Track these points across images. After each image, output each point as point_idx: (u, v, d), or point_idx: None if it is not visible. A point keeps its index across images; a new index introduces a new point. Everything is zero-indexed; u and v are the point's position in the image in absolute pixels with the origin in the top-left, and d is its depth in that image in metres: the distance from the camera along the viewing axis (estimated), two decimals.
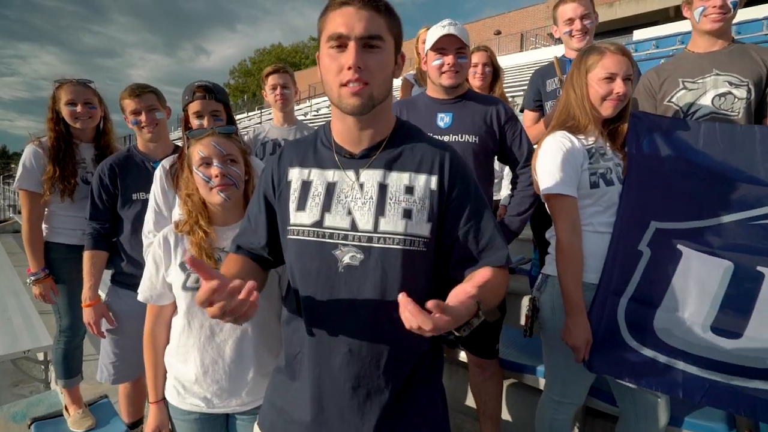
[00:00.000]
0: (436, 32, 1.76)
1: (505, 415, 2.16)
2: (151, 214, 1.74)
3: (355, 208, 0.95)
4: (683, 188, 1.44)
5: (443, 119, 1.82)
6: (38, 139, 2.20)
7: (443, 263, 1.01)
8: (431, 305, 0.68)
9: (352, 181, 0.97)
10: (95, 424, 2.20)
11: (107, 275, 2.08)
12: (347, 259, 0.93)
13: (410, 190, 0.96)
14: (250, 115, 26.16)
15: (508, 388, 2.16)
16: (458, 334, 0.79)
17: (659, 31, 12.99)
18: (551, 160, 1.46)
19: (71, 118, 2.16)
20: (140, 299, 1.38)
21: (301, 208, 0.99)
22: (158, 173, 1.75)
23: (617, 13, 19.68)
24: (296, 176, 1.02)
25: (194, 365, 1.29)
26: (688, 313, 1.32)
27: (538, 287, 1.56)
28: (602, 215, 1.47)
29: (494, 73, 2.49)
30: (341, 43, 0.88)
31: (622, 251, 1.41)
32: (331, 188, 0.98)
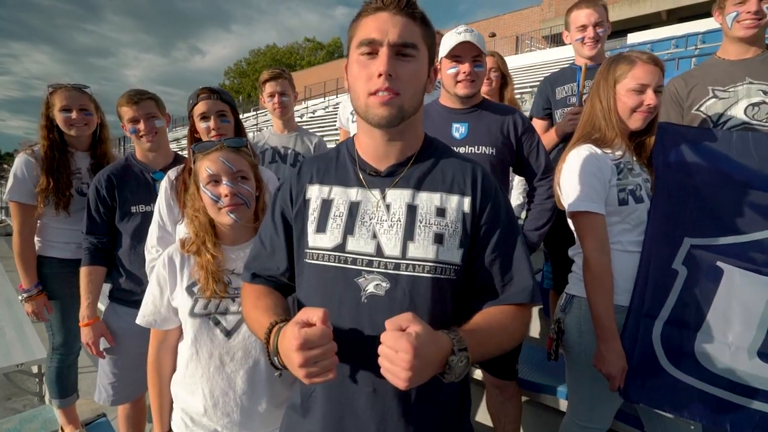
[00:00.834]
0: (451, 39, 1.69)
1: None
2: (154, 228, 1.65)
3: (380, 231, 0.87)
4: (718, 201, 1.37)
5: (458, 130, 1.75)
6: (30, 147, 2.09)
7: (464, 290, 0.93)
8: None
9: (377, 200, 0.90)
10: None
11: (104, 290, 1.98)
12: (371, 287, 0.85)
13: (442, 212, 0.88)
14: (245, 116, 25.94)
15: (523, 406, 2.08)
16: (443, 379, 0.75)
17: (654, 34, 13.11)
18: (578, 175, 1.39)
19: (66, 125, 2.06)
20: (142, 323, 1.29)
21: (321, 229, 0.90)
22: (164, 185, 1.66)
23: (611, 16, 19.72)
24: (315, 194, 0.94)
25: (203, 397, 1.20)
26: (732, 336, 1.24)
27: (562, 308, 1.49)
28: (631, 233, 1.40)
29: (503, 78, 2.42)
30: (372, 49, 0.82)
31: (654, 271, 1.34)
32: (354, 208, 0.90)
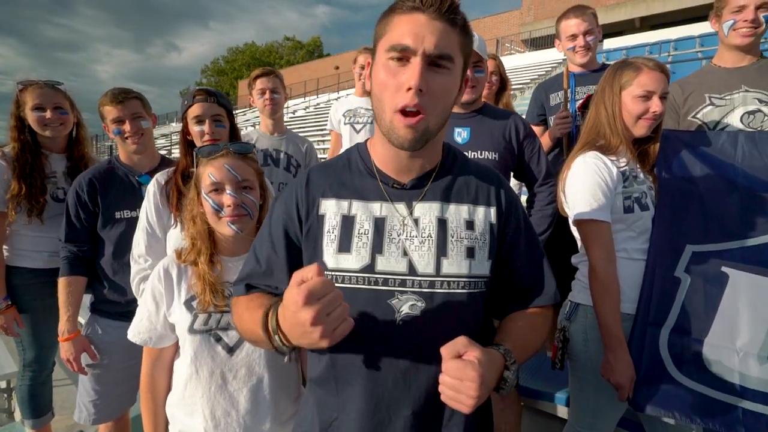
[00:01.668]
0: None
1: None
2: (142, 235, 1.55)
3: (411, 248, 0.82)
4: (722, 206, 1.37)
5: (461, 134, 1.72)
6: (0, 149, 1.94)
7: (491, 298, 0.90)
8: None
9: (403, 216, 0.84)
10: None
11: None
12: (406, 308, 0.81)
13: (470, 224, 0.85)
14: None
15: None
16: (499, 394, 0.76)
17: (628, 41, 13.52)
18: (584, 183, 1.38)
19: (39, 125, 1.92)
20: (137, 341, 1.20)
21: (344, 249, 0.83)
22: (152, 189, 1.56)
23: None
24: (333, 210, 0.86)
25: (203, 418, 1.13)
26: (741, 342, 1.25)
27: (567, 316, 1.48)
28: (636, 241, 1.40)
29: (501, 82, 2.42)
30: (404, 56, 0.74)
31: (659, 279, 1.34)
32: (380, 224, 0.84)
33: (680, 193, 1.42)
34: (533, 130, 1.82)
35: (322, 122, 15.07)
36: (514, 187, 2.72)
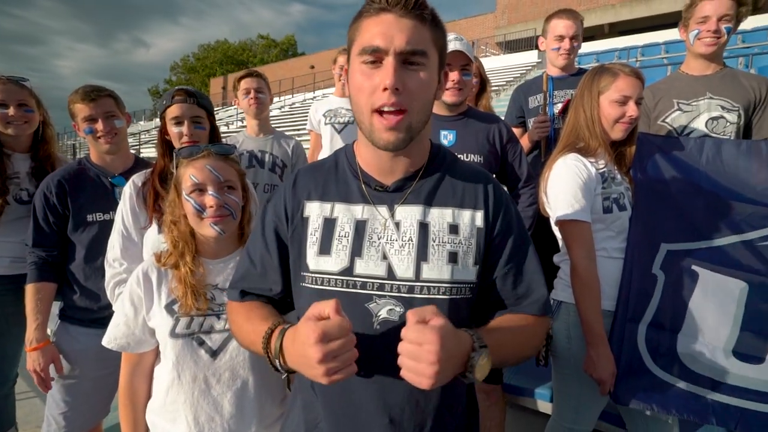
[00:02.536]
0: None
1: None
2: (117, 238, 1.49)
3: (391, 251, 0.82)
4: (691, 209, 1.45)
5: (446, 137, 1.74)
6: None
7: (478, 304, 0.89)
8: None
9: (385, 218, 0.84)
10: None
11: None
12: (384, 313, 0.80)
13: (455, 229, 0.84)
14: None
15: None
16: (465, 380, 0.72)
17: (599, 46, 14.03)
18: (565, 185, 1.41)
19: (2, 122, 1.81)
20: (112, 347, 1.15)
21: (324, 251, 0.83)
22: (128, 191, 1.51)
23: None
24: (316, 212, 0.86)
25: (186, 424, 1.09)
26: (709, 337, 1.31)
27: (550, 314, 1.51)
28: (614, 240, 1.45)
29: (481, 84, 2.45)
30: (376, 57, 0.74)
31: (636, 276, 1.40)
32: (360, 227, 0.83)
33: (655, 194, 1.49)
34: (515, 134, 1.86)
35: (298, 122, 14.92)
36: None
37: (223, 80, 41.04)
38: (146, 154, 14.74)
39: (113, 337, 1.15)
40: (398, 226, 0.83)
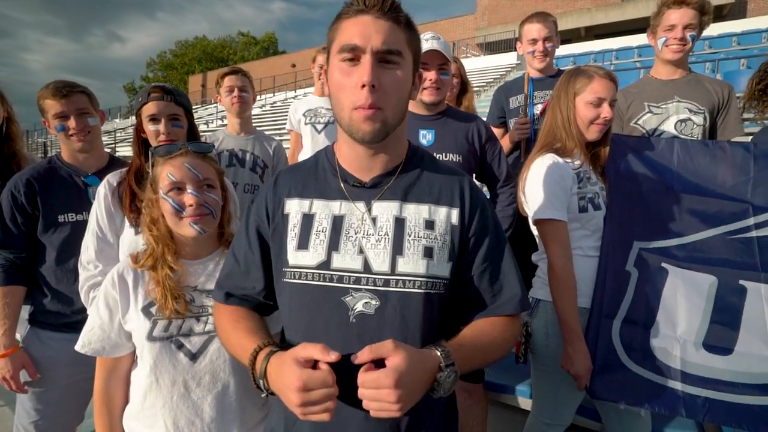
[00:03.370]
0: None
1: None
2: (92, 239, 1.45)
3: (367, 246, 0.84)
4: (662, 207, 1.50)
5: (425, 136, 1.75)
6: None
7: (453, 302, 0.91)
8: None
9: (362, 213, 0.86)
10: None
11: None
12: (360, 306, 0.82)
13: (430, 224, 0.86)
14: None
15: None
16: (432, 395, 0.75)
17: (576, 48, 14.36)
18: (542, 184, 1.44)
19: None
20: (86, 352, 1.12)
21: (302, 246, 0.85)
22: (102, 191, 1.46)
23: None
24: (295, 208, 0.89)
25: (165, 429, 1.07)
26: (680, 330, 1.36)
27: (529, 312, 1.55)
28: (590, 239, 1.49)
29: (462, 85, 2.48)
30: (354, 55, 0.78)
31: (611, 274, 1.44)
32: (338, 222, 0.86)
33: (627, 193, 1.53)
34: (494, 133, 1.88)
35: (278, 122, 14.72)
36: None
37: (202, 78, 40.22)
38: (122, 152, 14.30)
39: (87, 341, 1.11)
40: (375, 221, 0.85)
